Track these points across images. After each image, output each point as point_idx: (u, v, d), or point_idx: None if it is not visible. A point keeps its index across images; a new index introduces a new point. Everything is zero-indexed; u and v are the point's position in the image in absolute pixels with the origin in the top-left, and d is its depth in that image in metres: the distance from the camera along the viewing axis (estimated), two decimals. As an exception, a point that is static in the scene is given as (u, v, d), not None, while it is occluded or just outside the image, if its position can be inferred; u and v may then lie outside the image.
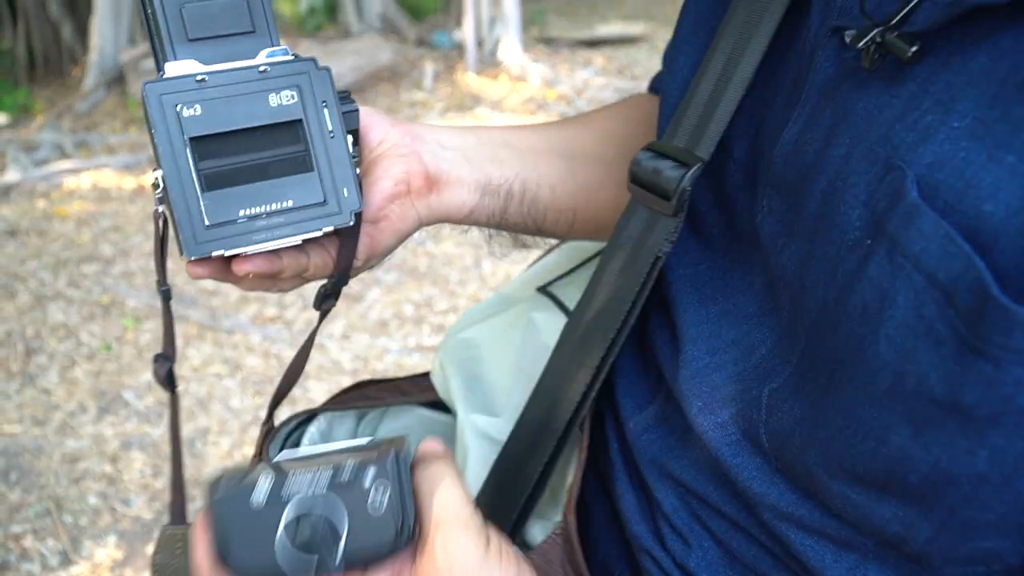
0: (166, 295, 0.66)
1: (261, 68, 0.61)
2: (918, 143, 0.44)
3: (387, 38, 7.09)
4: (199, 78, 0.59)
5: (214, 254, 0.60)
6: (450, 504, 0.51)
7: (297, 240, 0.62)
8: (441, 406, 0.89)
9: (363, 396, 0.87)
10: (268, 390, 2.96)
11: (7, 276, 3.87)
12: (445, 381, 0.85)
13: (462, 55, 6.74)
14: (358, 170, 0.64)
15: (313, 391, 2.96)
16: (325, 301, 0.71)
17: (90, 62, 6.07)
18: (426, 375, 0.90)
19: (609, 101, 0.89)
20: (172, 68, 0.60)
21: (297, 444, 0.82)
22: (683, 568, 0.61)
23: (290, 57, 0.62)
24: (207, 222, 0.59)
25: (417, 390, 0.89)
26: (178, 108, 0.58)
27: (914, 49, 0.45)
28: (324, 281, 0.70)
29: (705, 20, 0.66)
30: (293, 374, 0.77)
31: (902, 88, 0.46)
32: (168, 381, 0.65)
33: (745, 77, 0.59)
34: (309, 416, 0.85)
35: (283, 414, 0.85)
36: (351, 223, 0.63)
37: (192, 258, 0.59)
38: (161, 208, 0.61)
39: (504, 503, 0.66)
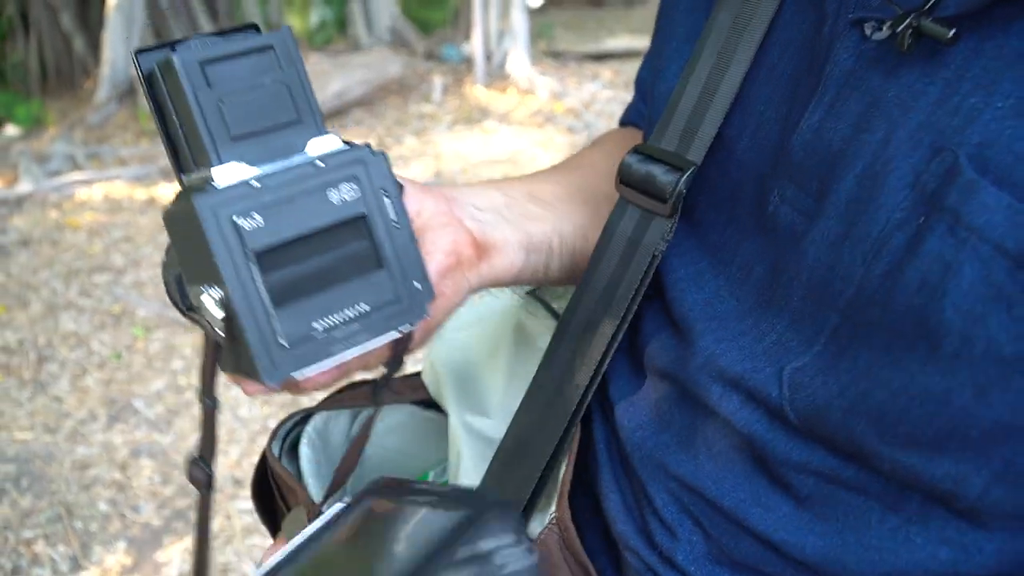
0: (211, 406, 0.60)
1: (317, 162, 0.54)
2: (964, 126, 0.45)
3: (396, 51, 7.13)
4: (254, 183, 0.51)
5: (296, 376, 0.53)
6: None
7: (375, 345, 0.56)
8: (432, 404, 0.90)
9: (357, 395, 0.89)
10: (276, 399, 2.97)
11: (20, 285, 3.91)
12: (436, 381, 0.87)
13: (471, 68, 6.77)
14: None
15: (318, 398, 2.97)
16: (380, 393, 0.67)
17: (102, 75, 6.12)
18: (417, 375, 0.92)
19: (617, 114, 0.90)
20: (221, 175, 0.51)
21: (295, 444, 0.85)
22: (670, 562, 0.61)
23: (343, 146, 0.56)
24: (285, 343, 0.52)
25: (409, 389, 0.91)
26: (236, 220, 0.50)
27: (952, 32, 0.46)
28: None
29: (694, 34, 0.66)
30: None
31: (936, 75, 0.48)
32: (206, 485, 0.61)
33: (735, 82, 0.60)
34: (305, 416, 0.87)
35: (284, 415, 0.88)
36: (428, 317, 0.57)
37: (272, 383, 0.52)
38: (219, 329, 0.52)
39: (507, 499, 0.67)
